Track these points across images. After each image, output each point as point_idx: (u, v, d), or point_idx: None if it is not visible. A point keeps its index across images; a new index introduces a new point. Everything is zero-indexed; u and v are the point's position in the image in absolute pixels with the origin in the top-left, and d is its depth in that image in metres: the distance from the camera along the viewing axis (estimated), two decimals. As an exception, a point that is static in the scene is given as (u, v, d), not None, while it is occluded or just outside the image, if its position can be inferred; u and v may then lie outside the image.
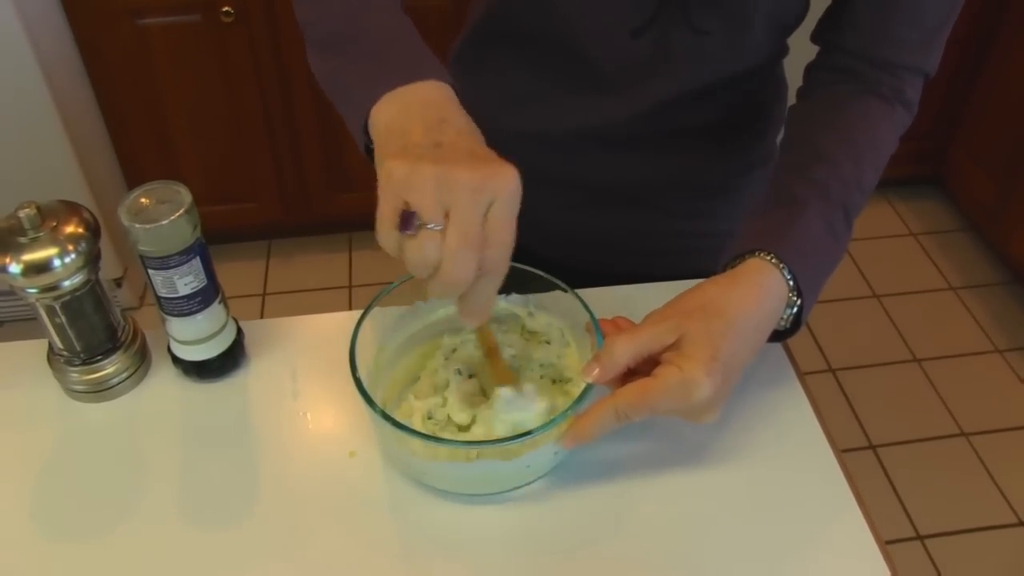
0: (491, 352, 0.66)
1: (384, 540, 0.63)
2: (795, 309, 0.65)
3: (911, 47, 0.72)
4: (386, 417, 0.60)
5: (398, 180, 0.51)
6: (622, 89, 0.78)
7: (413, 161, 0.51)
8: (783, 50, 0.83)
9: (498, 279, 0.54)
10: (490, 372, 0.67)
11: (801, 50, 0.82)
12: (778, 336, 0.66)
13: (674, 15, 0.71)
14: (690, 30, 0.72)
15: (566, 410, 0.61)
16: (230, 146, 2.09)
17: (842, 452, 0.69)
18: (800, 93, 0.78)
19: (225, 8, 1.83)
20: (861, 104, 0.72)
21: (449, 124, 0.55)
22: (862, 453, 1.91)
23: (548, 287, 0.70)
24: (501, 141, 0.57)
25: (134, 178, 2.10)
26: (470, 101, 0.59)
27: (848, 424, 1.96)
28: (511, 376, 0.67)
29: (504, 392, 0.64)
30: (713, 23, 0.71)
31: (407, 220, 0.50)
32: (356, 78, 0.60)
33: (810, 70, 0.78)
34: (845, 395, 2.03)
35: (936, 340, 2.15)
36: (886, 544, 0.63)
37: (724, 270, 0.65)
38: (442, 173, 0.50)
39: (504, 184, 0.51)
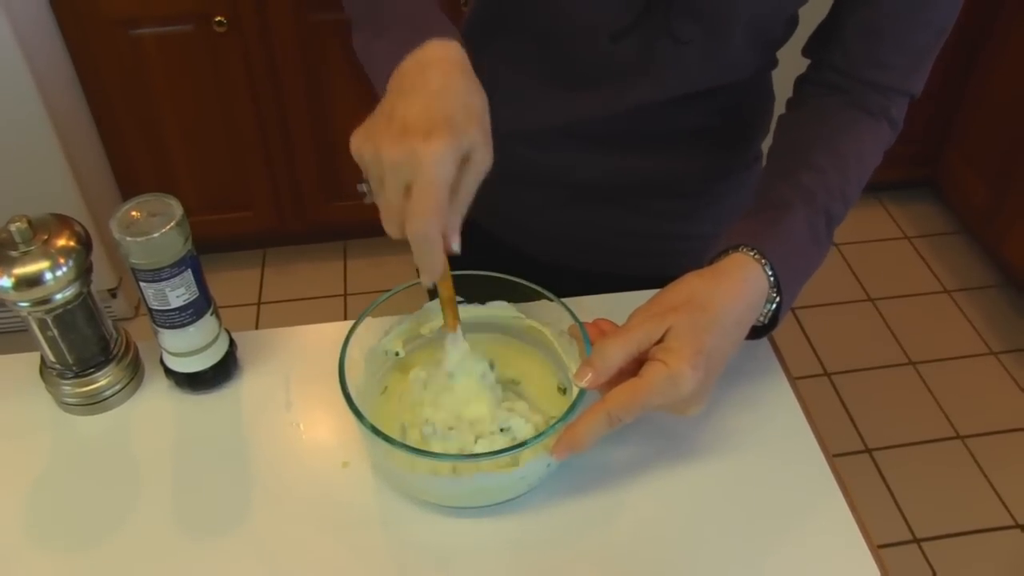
0: (450, 302, 0.66)
1: (377, 551, 0.63)
2: (773, 305, 0.66)
3: (897, 71, 0.73)
4: (375, 431, 0.60)
5: (352, 150, 0.58)
6: (602, 89, 0.79)
7: (367, 135, 0.57)
8: (771, 63, 0.84)
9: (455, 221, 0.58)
10: (447, 319, 0.67)
11: (791, 63, 0.83)
12: (756, 333, 0.68)
13: (655, 23, 0.72)
14: (670, 39, 0.72)
15: (560, 418, 0.61)
16: (224, 155, 2.09)
17: (837, 456, 0.70)
18: (789, 104, 0.79)
19: (218, 18, 1.83)
20: (848, 117, 0.74)
21: (404, 93, 0.57)
22: (858, 457, 1.91)
23: (535, 296, 0.71)
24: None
25: (128, 189, 2.09)
26: None
27: (843, 428, 1.97)
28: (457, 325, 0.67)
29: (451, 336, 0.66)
30: (693, 33, 0.72)
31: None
32: (379, 51, 0.63)
33: (800, 83, 0.79)
34: (840, 399, 2.03)
35: (931, 343, 2.16)
36: (882, 548, 0.63)
37: (708, 264, 0.66)
38: (374, 152, 0.56)
39: (421, 161, 0.54)
